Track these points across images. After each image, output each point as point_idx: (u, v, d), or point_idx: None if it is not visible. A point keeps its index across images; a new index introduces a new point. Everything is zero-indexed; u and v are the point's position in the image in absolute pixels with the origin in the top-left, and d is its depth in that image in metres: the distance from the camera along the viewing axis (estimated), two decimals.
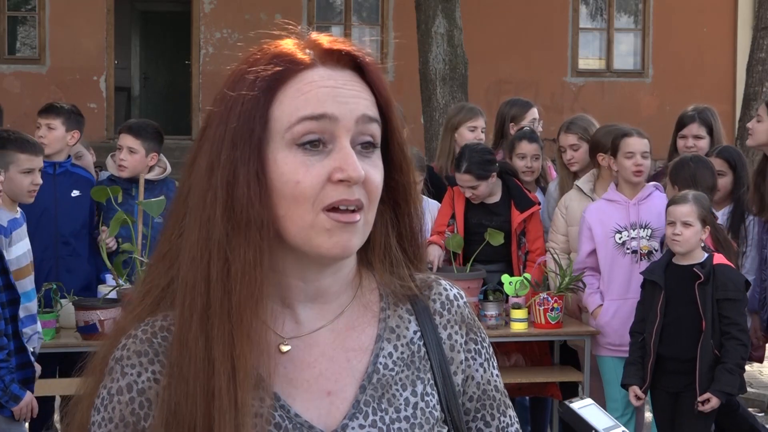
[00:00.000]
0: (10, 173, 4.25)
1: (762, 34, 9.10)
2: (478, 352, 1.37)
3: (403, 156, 1.32)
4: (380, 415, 1.27)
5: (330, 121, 1.21)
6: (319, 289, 1.29)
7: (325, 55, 1.25)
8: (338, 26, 14.73)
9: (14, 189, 4.28)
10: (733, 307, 4.26)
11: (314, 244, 1.22)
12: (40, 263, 4.70)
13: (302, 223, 1.21)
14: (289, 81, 1.23)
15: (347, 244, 1.22)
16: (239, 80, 1.24)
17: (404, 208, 1.33)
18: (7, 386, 3.71)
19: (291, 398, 1.25)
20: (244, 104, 1.22)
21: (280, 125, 1.22)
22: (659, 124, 10.49)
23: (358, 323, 1.32)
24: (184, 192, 1.27)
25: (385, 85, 1.28)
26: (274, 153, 1.22)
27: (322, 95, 1.22)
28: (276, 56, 1.25)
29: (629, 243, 4.82)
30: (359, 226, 1.23)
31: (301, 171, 1.20)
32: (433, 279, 1.39)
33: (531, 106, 5.89)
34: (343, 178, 1.20)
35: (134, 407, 1.23)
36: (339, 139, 1.22)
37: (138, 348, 1.24)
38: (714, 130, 5.28)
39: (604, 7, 15.35)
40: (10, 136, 4.36)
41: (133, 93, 16.67)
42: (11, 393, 3.73)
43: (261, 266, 1.20)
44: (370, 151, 1.25)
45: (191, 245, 1.22)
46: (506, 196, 5.19)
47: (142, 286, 1.31)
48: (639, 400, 4.47)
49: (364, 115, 1.24)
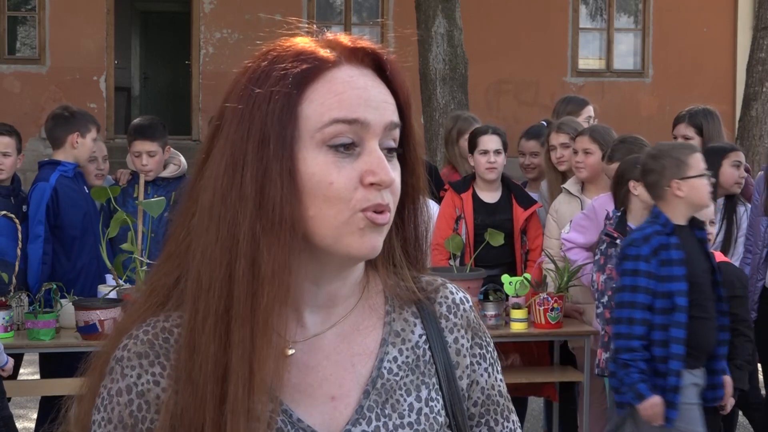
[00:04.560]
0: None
1: (762, 34, 9.10)
2: (483, 356, 1.36)
3: (417, 159, 1.31)
4: (384, 420, 1.26)
5: (361, 126, 1.20)
6: (330, 293, 1.27)
7: (349, 54, 1.24)
8: (338, 26, 14.73)
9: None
10: (740, 304, 4.24)
11: (344, 243, 1.20)
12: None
13: (335, 222, 1.19)
14: (319, 79, 1.21)
15: (376, 244, 1.21)
16: (263, 77, 1.21)
17: (411, 211, 1.32)
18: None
19: (294, 403, 1.23)
20: (273, 101, 1.19)
21: (311, 124, 1.20)
22: (659, 124, 10.50)
23: (363, 326, 1.30)
24: (194, 191, 1.24)
25: (406, 86, 1.27)
26: (305, 152, 1.19)
27: (355, 98, 1.20)
28: (300, 53, 1.22)
29: None
30: (387, 227, 1.23)
31: (333, 172, 1.19)
32: (440, 282, 1.37)
33: (586, 104, 5.91)
34: (375, 181, 1.19)
35: (132, 409, 1.21)
36: (368, 142, 1.20)
37: (139, 349, 1.23)
38: (705, 131, 5.29)
39: (604, 7, 15.35)
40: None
41: (133, 93, 16.67)
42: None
43: (290, 268, 1.18)
44: (392, 155, 1.24)
45: (207, 245, 1.19)
46: (507, 195, 5.20)
47: (146, 285, 1.29)
48: None
49: (391, 122, 1.23)
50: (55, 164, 5.06)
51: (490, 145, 5.14)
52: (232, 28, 14.04)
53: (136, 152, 5.22)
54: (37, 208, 4.92)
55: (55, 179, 4.97)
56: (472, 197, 5.18)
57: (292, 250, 1.18)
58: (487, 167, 5.14)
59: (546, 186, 5.48)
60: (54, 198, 4.94)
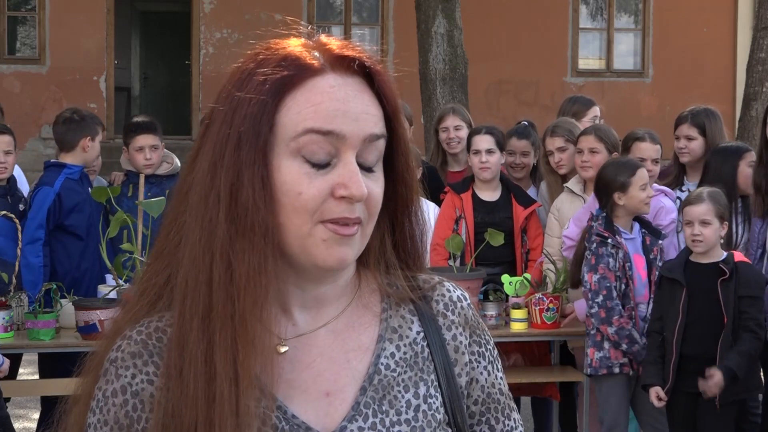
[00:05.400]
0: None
1: (762, 34, 9.10)
2: (482, 354, 1.35)
3: (406, 167, 1.29)
4: (380, 417, 1.25)
5: (337, 138, 1.19)
6: (317, 297, 1.27)
7: (335, 61, 1.22)
8: (338, 26, 14.74)
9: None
10: (754, 304, 4.23)
11: (311, 254, 1.20)
12: None
13: (299, 232, 1.19)
14: (299, 87, 1.20)
15: (343, 257, 1.21)
16: (246, 80, 1.21)
17: (401, 218, 1.32)
18: None
19: (288, 399, 1.23)
20: (251, 106, 1.19)
21: (286, 132, 1.19)
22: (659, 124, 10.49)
23: (358, 323, 1.30)
24: (184, 189, 1.24)
25: (393, 95, 1.26)
26: (278, 159, 1.19)
27: (332, 110, 1.19)
28: (285, 59, 1.21)
29: None
30: (356, 238, 1.21)
31: (304, 182, 1.18)
32: (437, 281, 1.36)
33: (592, 104, 5.92)
34: (346, 195, 1.18)
35: (128, 409, 1.22)
36: (344, 154, 1.19)
37: (132, 349, 1.23)
38: (707, 130, 5.28)
39: (604, 7, 15.35)
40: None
41: (133, 93, 16.67)
42: None
43: (266, 272, 1.18)
44: (374, 171, 1.23)
45: (192, 245, 1.20)
46: (506, 194, 5.20)
47: (138, 285, 1.29)
48: (661, 401, 4.31)
49: (371, 134, 1.22)
50: (61, 167, 5.06)
51: (482, 144, 5.15)
52: (232, 28, 14.04)
53: (138, 147, 5.27)
54: (37, 211, 4.92)
55: (59, 184, 4.98)
56: (471, 197, 5.18)
57: (266, 255, 1.18)
58: (480, 167, 5.15)
59: (545, 187, 5.48)
60: (57, 203, 4.94)
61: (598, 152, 4.97)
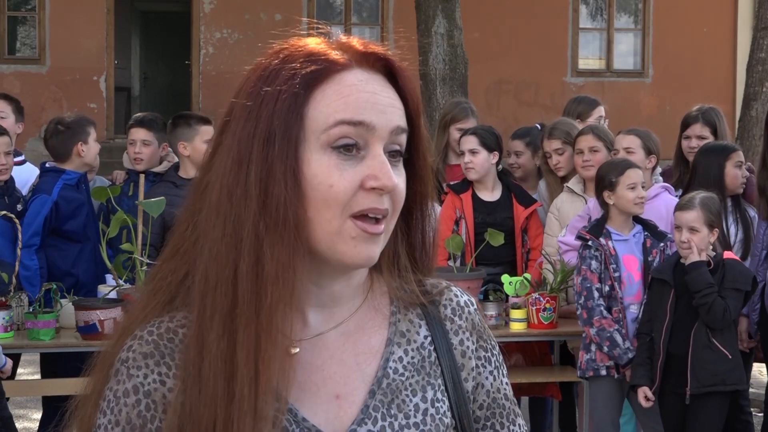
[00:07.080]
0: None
1: (762, 34, 9.11)
2: (488, 359, 1.35)
3: (425, 165, 1.30)
4: (389, 420, 1.25)
5: (367, 129, 1.20)
6: (331, 295, 1.27)
7: (361, 58, 1.24)
8: (338, 26, 14.73)
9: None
10: (735, 296, 4.24)
11: (338, 251, 1.20)
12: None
13: (329, 228, 1.19)
14: (327, 81, 1.21)
15: (370, 255, 1.21)
16: (273, 76, 1.21)
17: (417, 217, 1.32)
18: None
19: (299, 402, 1.23)
20: (280, 101, 1.19)
21: (316, 125, 1.19)
22: (659, 124, 10.49)
23: (368, 326, 1.30)
24: (201, 187, 1.23)
25: (416, 93, 1.27)
26: (308, 153, 1.19)
27: (362, 101, 1.20)
28: (311, 54, 1.22)
29: None
30: (381, 236, 1.22)
31: (335, 174, 1.18)
32: (445, 285, 1.37)
33: (597, 104, 5.90)
34: (376, 186, 1.19)
35: (140, 409, 1.21)
36: (373, 146, 1.20)
37: (144, 350, 1.22)
38: (718, 130, 5.27)
39: (604, 7, 15.36)
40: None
41: (133, 93, 16.67)
42: None
43: (294, 268, 1.17)
44: (398, 160, 1.24)
45: (213, 242, 1.18)
46: (507, 194, 5.20)
47: (150, 283, 1.28)
48: (648, 401, 4.34)
49: (398, 126, 1.23)
50: (59, 172, 5.04)
51: (466, 145, 5.15)
52: (232, 28, 14.04)
53: (131, 140, 5.25)
54: (34, 218, 4.89)
55: (57, 192, 4.95)
56: (471, 197, 5.18)
57: (296, 250, 1.18)
58: (464, 167, 5.17)
59: (545, 186, 5.47)
60: (54, 211, 4.93)
61: (599, 150, 4.98)
